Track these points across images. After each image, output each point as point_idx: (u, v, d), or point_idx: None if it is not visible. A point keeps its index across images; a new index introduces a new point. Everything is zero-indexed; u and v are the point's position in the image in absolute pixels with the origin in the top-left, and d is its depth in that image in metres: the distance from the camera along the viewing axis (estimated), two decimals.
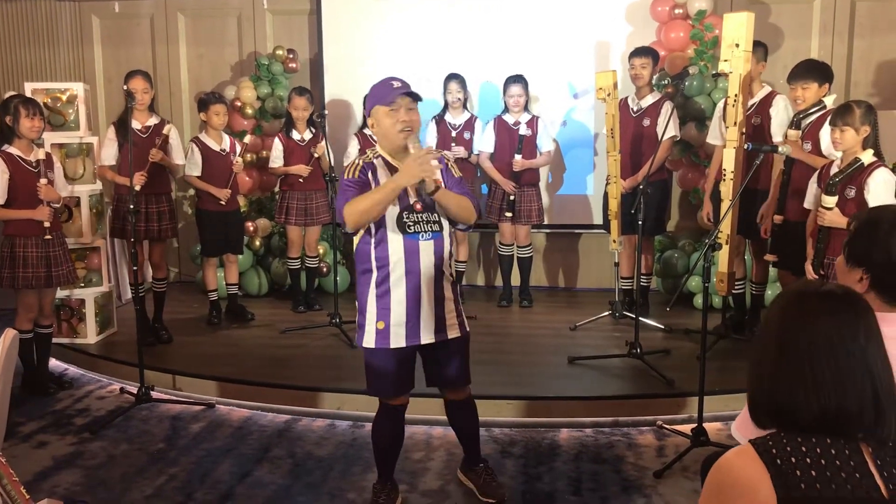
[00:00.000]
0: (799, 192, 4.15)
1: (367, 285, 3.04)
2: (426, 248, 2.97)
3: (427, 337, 3.04)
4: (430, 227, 2.99)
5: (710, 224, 4.98)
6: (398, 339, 3.01)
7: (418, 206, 2.97)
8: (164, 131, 5.09)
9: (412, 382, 3.16)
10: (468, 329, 3.18)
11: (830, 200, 3.65)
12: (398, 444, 3.27)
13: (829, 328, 1.43)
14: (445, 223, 3.06)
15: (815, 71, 4.35)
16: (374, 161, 3.02)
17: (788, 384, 1.43)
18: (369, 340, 3.04)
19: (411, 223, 2.95)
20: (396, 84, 2.95)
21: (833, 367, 1.40)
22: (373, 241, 2.99)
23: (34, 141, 4.50)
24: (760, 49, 4.69)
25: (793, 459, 1.39)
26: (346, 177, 2.97)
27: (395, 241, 2.95)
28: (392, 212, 2.95)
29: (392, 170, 2.99)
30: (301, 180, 5.71)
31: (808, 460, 1.38)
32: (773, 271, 5.25)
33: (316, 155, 5.69)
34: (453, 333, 3.09)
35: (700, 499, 1.49)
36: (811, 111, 4.30)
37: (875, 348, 1.44)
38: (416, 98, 2.94)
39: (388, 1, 6.44)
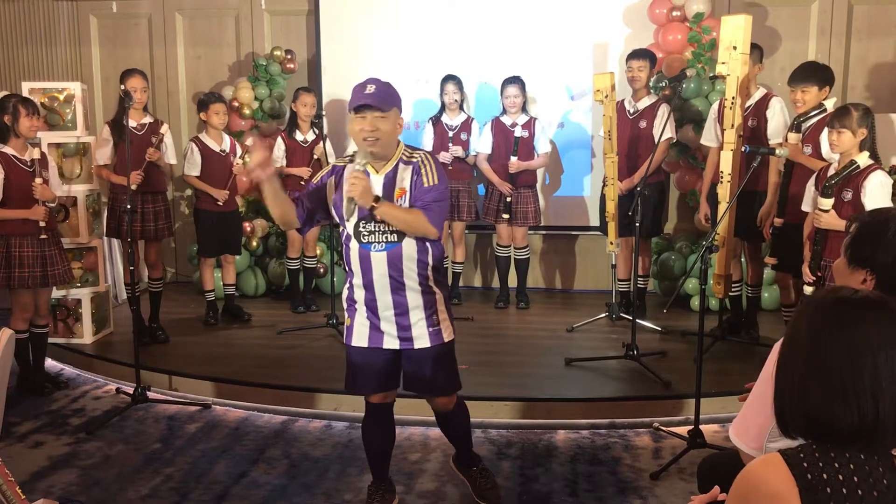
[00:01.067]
0: (799, 195, 4.14)
1: (346, 283, 3.12)
2: (378, 259, 2.93)
3: (390, 343, 3.01)
4: (386, 237, 2.92)
5: (707, 226, 4.99)
6: (360, 339, 3.03)
7: (378, 216, 2.91)
8: (162, 131, 5.09)
9: (389, 383, 3.11)
10: (446, 339, 3.04)
11: (827, 203, 3.65)
12: (387, 442, 3.25)
13: (869, 335, 1.38)
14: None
15: (815, 74, 4.35)
16: (349, 165, 2.95)
17: (824, 393, 1.38)
18: (345, 335, 3.11)
19: (366, 233, 2.92)
20: (370, 88, 2.86)
21: (871, 375, 1.36)
22: (343, 246, 3.03)
23: (29, 140, 4.49)
24: (756, 51, 4.70)
25: (824, 475, 1.34)
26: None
27: (354, 249, 2.96)
28: (353, 220, 2.94)
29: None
30: (302, 182, 5.71)
31: (840, 476, 1.34)
32: (769, 273, 5.26)
33: (315, 156, 5.69)
34: (421, 343, 3.00)
35: None
36: (811, 114, 4.29)
37: None
38: (380, 108, 2.84)
39: (387, 2, 6.44)
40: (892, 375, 1.36)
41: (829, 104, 4.30)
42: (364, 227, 2.93)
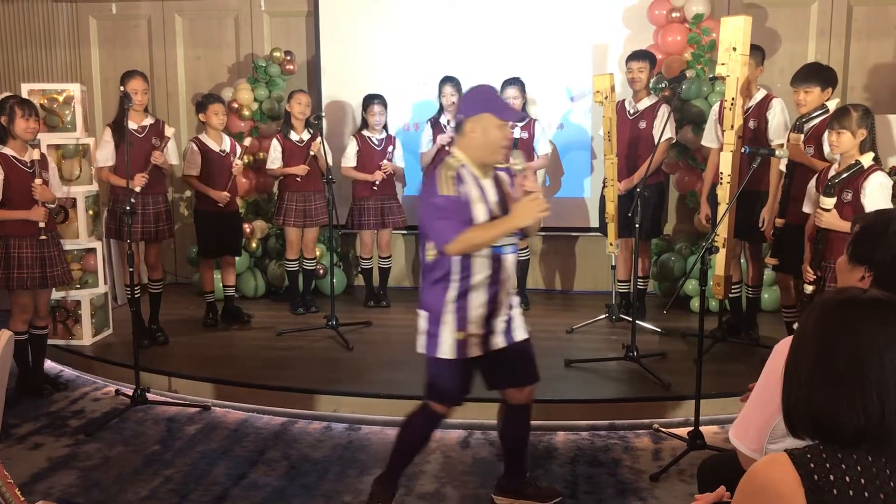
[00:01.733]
0: (800, 196, 4.14)
1: (443, 294, 2.97)
2: (509, 260, 3.01)
3: (499, 343, 3.05)
4: (510, 238, 2.99)
5: (707, 227, 4.99)
6: (476, 349, 3.02)
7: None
8: (168, 134, 5.10)
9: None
10: (529, 329, 3.20)
11: (829, 202, 3.65)
12: (423, 449, 3.30)
13: (876, 334, 1.36)
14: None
15: (818, 75, 4.34)
16: (460, 171, 2.95)
17: (831, 392, 1.37)
18: (445, 350, 2.98)
19: None
20: (503, 101, 3.02)
21: (878, 375, 1.34)
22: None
23: (28, 142, 4.49)
24: (758, 53, 4.70)
25: (831, 477, 1.33)
26: (440, 191, 2.87)
27: (484, 253, 2.95)
28: None
29: (477, 182, 2.93)
30: (298, 179, 5.71)
31: (846, 478, 1.33)
32: (769, 274, 5.25)
33: (312, 152, 5.68)
34: (520, 335, 3.11)
35: None
36: (814, 115, 4.29)
37: None
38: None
39: (386, 3, 6.44)
40: None
41: (832, 105, 4.29)
42: None
